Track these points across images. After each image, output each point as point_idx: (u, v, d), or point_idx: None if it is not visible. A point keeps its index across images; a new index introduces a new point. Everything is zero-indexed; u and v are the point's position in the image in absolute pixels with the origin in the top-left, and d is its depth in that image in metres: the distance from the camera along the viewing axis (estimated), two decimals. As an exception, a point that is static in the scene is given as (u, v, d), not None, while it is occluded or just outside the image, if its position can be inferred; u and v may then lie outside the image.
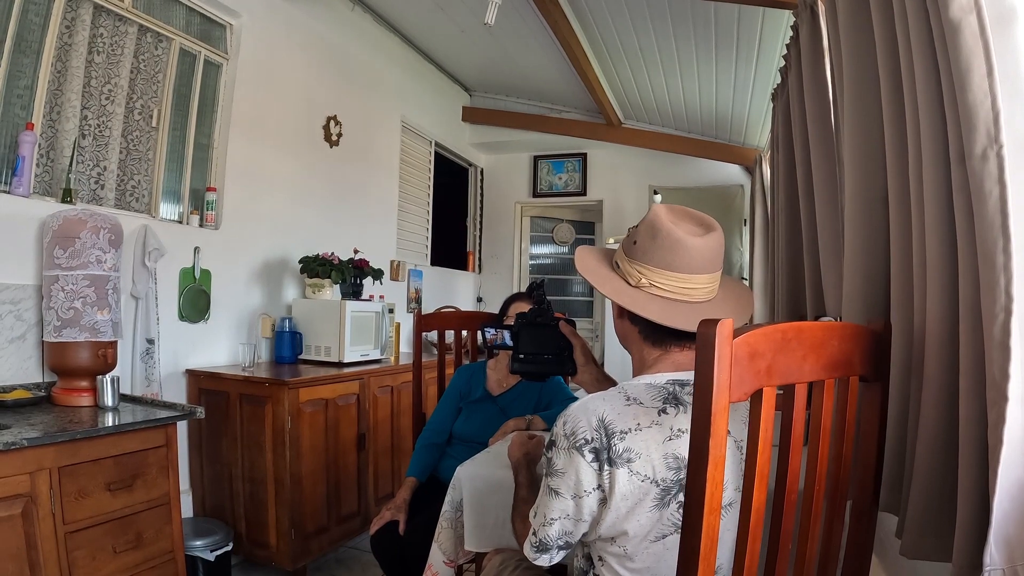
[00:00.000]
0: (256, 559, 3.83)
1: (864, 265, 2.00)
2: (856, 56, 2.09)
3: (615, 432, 1.38)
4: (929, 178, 1.43)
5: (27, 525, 2.25)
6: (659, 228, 1.51)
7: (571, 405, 1.49)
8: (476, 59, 6.75)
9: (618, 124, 7.16)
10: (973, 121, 1.21)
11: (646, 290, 1.53)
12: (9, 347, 2.96)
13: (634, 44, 5.16)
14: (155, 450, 2.77)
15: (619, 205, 7.90)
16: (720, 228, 1.57)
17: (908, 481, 1.57)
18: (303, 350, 4.56)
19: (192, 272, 3.98)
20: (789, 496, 1.26)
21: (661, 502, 1.37)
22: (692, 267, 1.51)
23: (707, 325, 1.06)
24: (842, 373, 1.36)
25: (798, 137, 3.12)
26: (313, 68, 5.10)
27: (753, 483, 1.17)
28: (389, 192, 6.31)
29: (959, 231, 1.33)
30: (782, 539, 1.27)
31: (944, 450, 1.42)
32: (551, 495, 1.47)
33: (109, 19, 3.55)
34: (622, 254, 1.62)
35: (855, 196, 2.05)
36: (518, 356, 2.06)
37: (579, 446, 1.40)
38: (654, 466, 1.36)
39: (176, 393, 3.88)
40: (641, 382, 1.51)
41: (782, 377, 1.20)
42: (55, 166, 3.30)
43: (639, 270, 1.55)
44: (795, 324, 1.23)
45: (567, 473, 1.43)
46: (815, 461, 1.34)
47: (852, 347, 1.37)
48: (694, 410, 1.09)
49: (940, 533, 1.44)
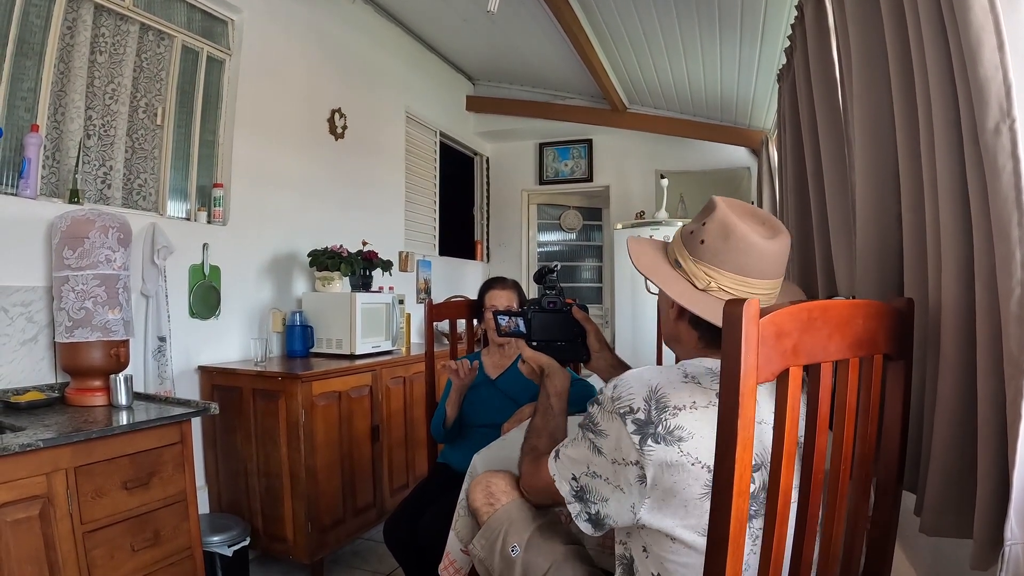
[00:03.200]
0: (273, 553, 3.85)
1: (878, 243, 1.99)
2: (864, 34, 2.07)
3: (668, 406, 1.32)
4: (942, 154, 1.42)
5: (45, 526, 2.26)
6: (732, 229, 1.43)
7: (626, 372, 1.44)
8: (479, 48, 6.73)
9: (623, 109, 7.13)
10: (985, 96, 1.20)
11: (713, 294, 1.45)
12: (21, 349, 2.97)
13: (637, 28, 5.13)
14: (170, 447, 2.78)
15: (626, 190, 7.89)
16: (786, 229, 1.49)
17: (926, 459, 1.56)
18: (314, 343, 4.56)
19: (201, 269, 3.99)
20: (816, 476, 1.25)
21: (709, 491, 1.24)
22: (764, 272, 1.44)
23: (733, 305, 1.05)
24: (867, 351, 1.34)
25: (805, 118, 3.11)
26: (315, 62, 5.10)
27: (781, 463, 1.17)
28: (396, 183, 6.31)
29: (973, 206, 1.32)
30: (809, 519, 1.27)
31: (962, 426, 1.41)
32: (591, 450, 1.43)
33: (110, 18, 3.54)
34: (685, 253, 1.52)
35: (866, 174, 2.04)
36: (531, 343, 2.04)
37: (623, 412, 1.35)
38: (708, 449, 1.23)
39: (189, 390, 3.89)
40: (703, 364, 1.45)
41: (808, 356, 1.18)
42: (61, 167, 3.31)
43: (707, 272, 1.46)
44: (820, 303, 1.21)
45: (609, 436, 1.39)
46: (841, 440, 1.32)
47: (876, 325, 1.35)
48: (721, 392, 1.08)
49: (960, 510, 1.44)
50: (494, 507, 1.85)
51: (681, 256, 1.52)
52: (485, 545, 1.81)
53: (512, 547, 1.74)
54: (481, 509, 1.88)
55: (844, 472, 1.34)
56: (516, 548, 1.73)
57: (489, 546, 1.80)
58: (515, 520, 1.79)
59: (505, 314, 2.10)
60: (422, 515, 2.86)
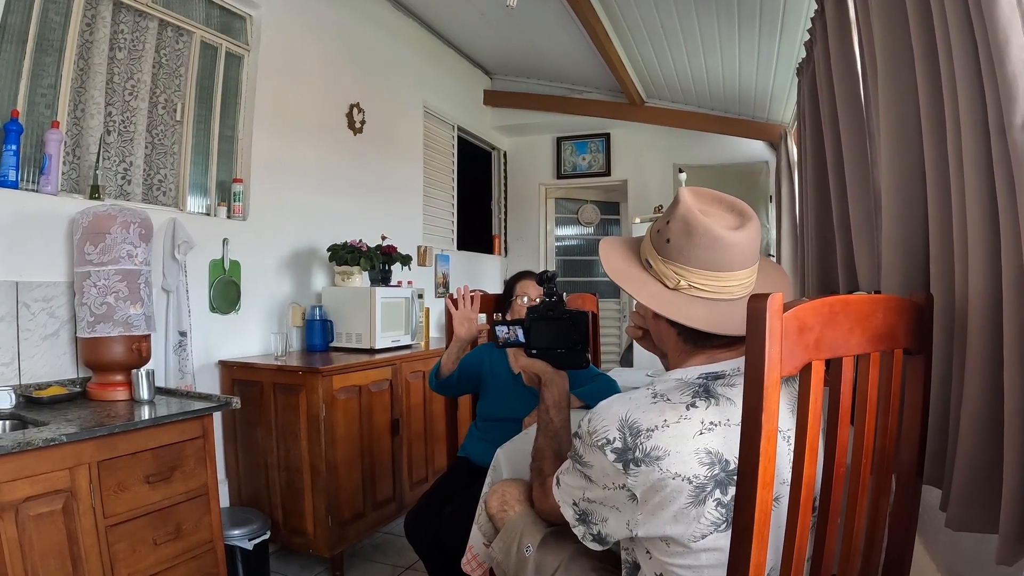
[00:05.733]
0: (293, 547, 3.87)
1: (903, 238, 1.98)
2: (888, 30, 2.06)
3: (640, 431, 1.32)
4: (968, 150, 1.41)
5: (68, 520, 2.27)
6: (694, 224, 1.40)
7: (598, 404, 1.45)
8: (496, 42, 6.72)
9: (641, 103, 7.10)
10: (1012, 92, 1.19)
11: (685, 292, 1.43)
12: (43, 344, 2.99)
13: (655, 21, 5.10)
14: (192, 441, 2.79)
15: (644, 184, 7.85)
16: (754, 214, 1.46)
17: (952, 453, 1.56)
18: (334, 338, 4.58)
19: (221, 264, 4.00)
20: (837, 470, 1.25)
21: (696, 499, 1.29)
22: (734, 264, 1.41)
23: (757, 300, 1.06)
24: (887, 346, 1.35)
25: (826, 111, 3.08)
26: (333, 56, 5.10)
27: (803, 457, 1.17)
28: (414, 178, 6.32)
29: (1000, 202, 1.31)
30: (831, 513, 1.26)
31: (988, 421, 1.40)
32: (583, 478, 1.46)
33: (129, 15, 3.55)
34: (653, 252, 1.50)
35: (892, 170, 2.02)
36: (530, 351, 2.03)
37: (600, 445, 1.37)
38: (685, 463, 1.28)
39: (209, 384, 3.91)
40: (672, 378, 1.44)
41: (830, 350, 1.19)
42: (82, 163, 3.33)
43: (676, 271, 1.44)
44: (842, 297, 1.22)
45: (594, 467, 1.41)
46: (862, 435, 1.33)
47: (896, 319, 1.35)
48: (746, 386, 1.09)
49: (986, 504, 1.43)
50: (508, 513, 1.92)
51: (651, 256, 1.51)
52: (503, 548, 1.86)
53: (526, 547, 1.79)
54: (496, 515, 1.95)
55: (865, 466, 1.34)
56: (530, 547, 1.78)
57: (506, 548, 1.85)
58: (529, 523, 1.85)
59: (504, 324, 2.09)
60: (443, 509, 2.86)
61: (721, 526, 1.30)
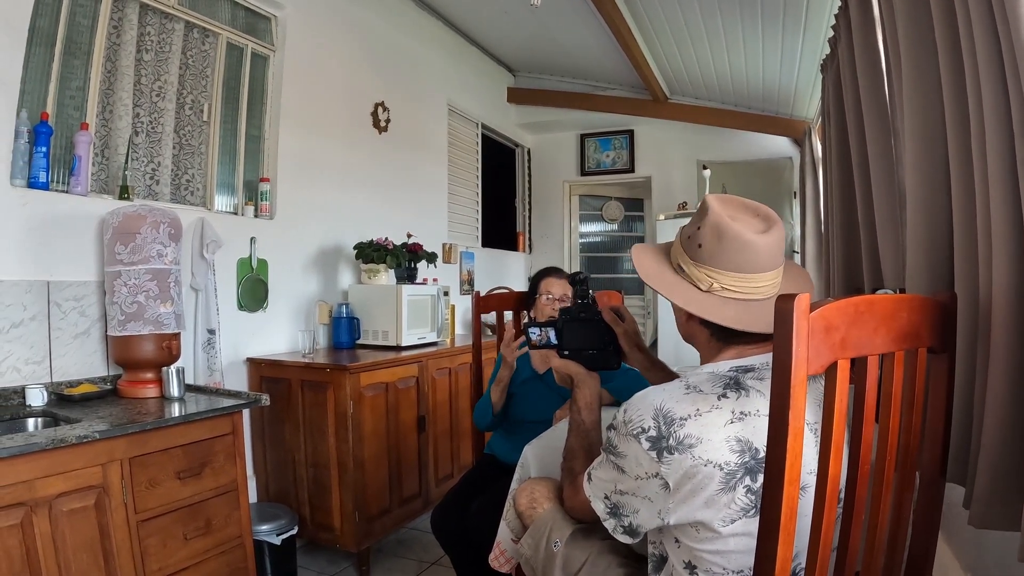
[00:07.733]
0: (320, 542, 3.90)
1: (928, 237, 1.97)
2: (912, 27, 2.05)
3: (674, 419, 1.38)
4: (993, 150, 1.42)
5: (100, 515, 2.31)
6: (724, 230, 1.47)
7: (633, 395, 1.49)
8: (519, 40, 6.72)
9: (664, 100, 7.08)
10: None
11: (717, 294, 1.50)
12: (73, 343, 3.03)
13: (679, 18, 5.08)
14: (222, 438, 2.83)
15: (667, 181, 7.82)
16: (778, 218, 1.53)
17: (975, 451, 1.56)
18: (360, 335, 4.60)
19: (249, 262, 4.04)
20: (862, 467, 1.26)
21: (727, 486, 1.34)
22: (761, 266, 1.48)
23: (785, 300, 1.09)
24: (911, 345, 1.35)
25: (850, 108, 3.07)
26: (358, 55, 5.13)
27: (829, 454, 1.18)
28: (439, 175, 6.34)
29: (1025, 202, 1.31)
30: (855, 510, 1.27)
31: (1012, 419, 1.40)
32: (615, 470, 1.50)
33: (155, 17, 3.59)
34: (685, 257, 1.57)
35: (916, 168, 2.02)
36: (563, 353, 2.04)
37: (636, 434, 1.41)
38: (716, 450, 1.34)
39: (238, 382, 3.95)
40: (704, 371, 1.50)
41: (855, 349, 1.20)
42: (111, 164, 3.37)
43: (708, 274, 1.51)
44: (867, 297, 1.24)
45: (628, 456, 1.45)
46: (886, 433, 1.33)
47: (920, 318, 1.36)
48: (773, 383, 1.12)
49: (1009, 502, 1.44)
50: (536, 510, 1.97)
51: (683, 261, 1.57)
52: (532, 544, 1.91)
53: (554, 542, 1.84)
54: (525, 512, 2.00)
55: (889, 463, 1.35)
56: (558, 543, 1.84)
57: (535, 544, 1.90)
58: (558, 519, 1.90)
59: (537, 326, 2.10)
60: (470, 505, 2.87)
61: (750, 511, 1.34)
